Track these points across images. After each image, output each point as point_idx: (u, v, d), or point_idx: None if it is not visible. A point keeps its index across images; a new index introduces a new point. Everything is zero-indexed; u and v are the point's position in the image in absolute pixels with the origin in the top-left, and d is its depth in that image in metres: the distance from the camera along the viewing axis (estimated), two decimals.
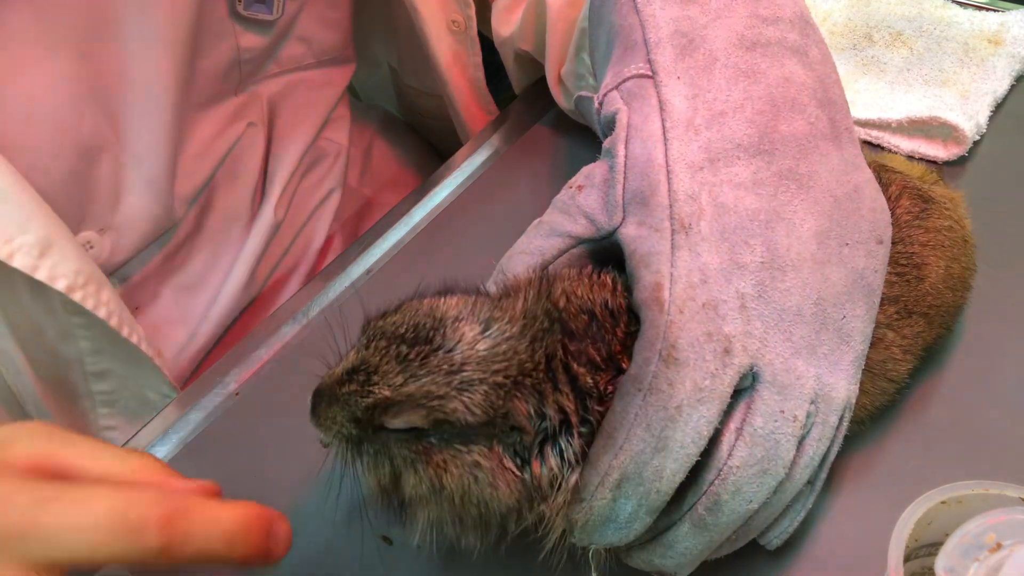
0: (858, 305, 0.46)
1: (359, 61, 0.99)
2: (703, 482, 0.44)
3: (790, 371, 0.44)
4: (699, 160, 0.46)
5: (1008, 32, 0.87)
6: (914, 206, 0.57)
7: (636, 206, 0.47)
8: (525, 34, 0.81)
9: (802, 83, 0.49)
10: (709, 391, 0.42)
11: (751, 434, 0.43)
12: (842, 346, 0.46)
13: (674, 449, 0.42)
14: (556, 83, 0.77)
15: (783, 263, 0.44)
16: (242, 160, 0.86)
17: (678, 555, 0.45)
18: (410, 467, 0.44)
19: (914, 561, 0.46)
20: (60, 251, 0.63)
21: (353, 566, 0.54)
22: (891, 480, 0.55)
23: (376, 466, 0.46)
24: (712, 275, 0.44)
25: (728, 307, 0.43)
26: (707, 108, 0.48)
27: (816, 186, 0.46)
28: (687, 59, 0.50)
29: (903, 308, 0.53)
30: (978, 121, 0.78)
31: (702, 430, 0.42)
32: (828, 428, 0.46)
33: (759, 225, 0.45)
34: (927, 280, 0.55)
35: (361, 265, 0.74)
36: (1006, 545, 0.39)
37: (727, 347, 0.42)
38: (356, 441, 0.46)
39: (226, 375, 0.66)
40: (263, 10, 0.80)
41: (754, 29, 0.50)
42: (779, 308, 0.44)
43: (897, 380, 0.54)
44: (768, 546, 0.49)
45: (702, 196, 0.45)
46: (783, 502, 0.46)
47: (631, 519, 0.44)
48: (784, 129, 0.47)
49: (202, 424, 0.63)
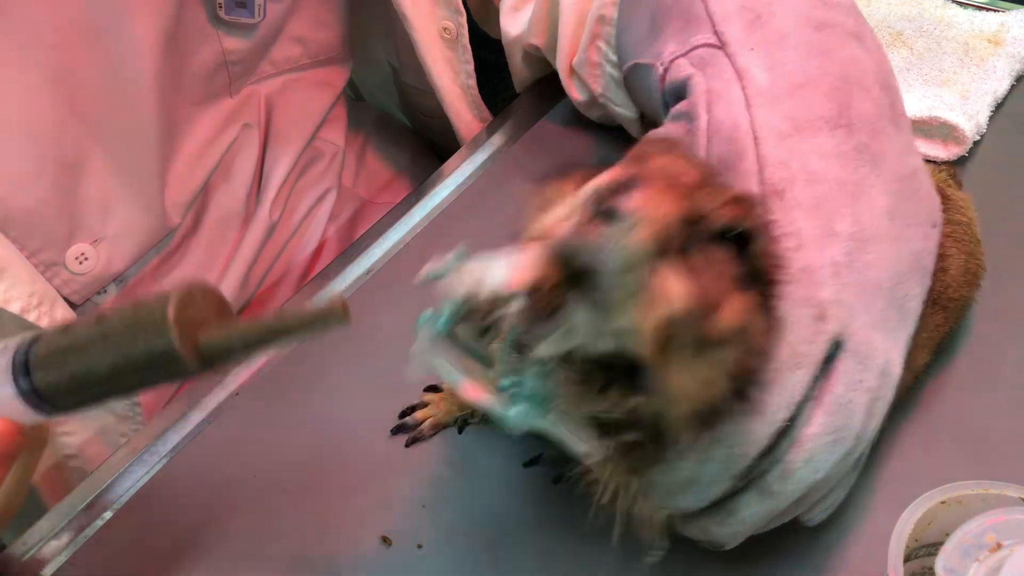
0: (916, 286, 0.47)
1: (360, 59, 0.99)
2: (778, 449, 0.43)
3: (869, 342, 0.44)
4: (785, 128, 0.46)
5: (1008, 32, 0.87)
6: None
7: (722, 171, 0.47)
8: (536, 29, 0.81)
9: (866, 66, 0.50)
10: (804, 356, 0.42)
11: (831, 402, 0.43)
12: (902, 324, 0.46)
13: (767, 413, 0.42)
14: (568, 74, 0.78)
15: (867, 235, 0.45)
16: (237, 161, 0.86)
17: (737, 523, 0.45)
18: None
19: (914, 561, 0.46)
20: (12, 276, 0.66)
21: (353, 566, 0.54)
22: (891, 480, 0.55)
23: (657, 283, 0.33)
24: (807, 241, 0.44)
25: (823, 273, 0.43)
26: (785, 79, 0.48)
27: (885, 165, 0.47)
28: (758, 32, 0.50)
29: (929, 299, 0.54)
30: (978, 121, 0.78)
31: (796, 395, 0.42)
32: (886, 404, 0.46)
33: (848, 196, 0.45)
34: (949, 272, 0.55)
35: (361, 265, 0.74)
36: (1006, 545, 0.39)
37: (821, 313, 0.43)
38: (669, 245, 0.33)
39: (226, 375, 0.66)
40: (244, 14, 0.80)
41: (817, 10, 0.51)
42: (864, 279, 0.44)
43: (916, 372, 0.55)
44: (811, 523, 0.49)
45: (792, 163, 0.45)
46: (840, 475, 0.46)
47: (712, 482, 0.43)
48: (857, 106, 0.47)
49: (202, 424, 0.63)
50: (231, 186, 0.85)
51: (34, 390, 0.41)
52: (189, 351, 0.38)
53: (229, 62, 0.82)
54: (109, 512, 0.58)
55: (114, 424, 0.74)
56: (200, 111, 0.81)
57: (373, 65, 1.10)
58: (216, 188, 0.85)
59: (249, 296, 0.89)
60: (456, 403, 0.61)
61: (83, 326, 0.41)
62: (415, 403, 0.61)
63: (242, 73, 0.84)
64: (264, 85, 0.87)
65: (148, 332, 0.38)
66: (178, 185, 0.80)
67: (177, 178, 0.80)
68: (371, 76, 1.13)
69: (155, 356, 0.38)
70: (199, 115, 0.81)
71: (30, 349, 0.41)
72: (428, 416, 0.61)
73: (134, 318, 0.39)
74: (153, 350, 0.38)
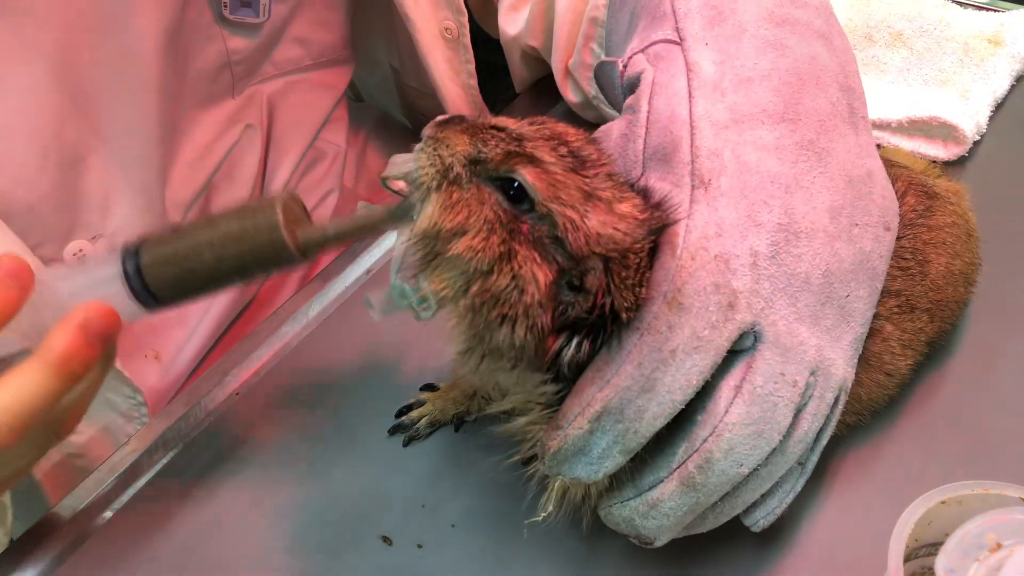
0: (862, 287, 0.47)
1: (361, 61, 0.99)
2: (696, 438, 0.44)
3: (793, 335, 0.44)
4: (724, 119, 0.46)
5: (1008, 32, 0.87)
6: (919, 203, 0.57)
7: (657, 162, 0.47)
8: (533, 30, 0.81)
9: (826, 65, 0.49)
10: (706, 341, 0.42)
11: (750, 392, 0.43)
12: (843, 324, 0.46)
13: (660, 392, 0.42)
14: (563, 76, 0.78)
15: (798, 229, 0.44)
16: (240, 162, 0.86)
17: (661, 516, 0.45)
18: (482, 228, 0.43)
19: (914, 561, 0.46)
20: None
21: (353, 566, 0.54)
22: (891, 480, 0.55)
23: (445, 209, 0.43)
24: (728, 230, 0.44)
25: (740, 262, 0.43)
26: (735, 73, 0.48)
27: (833, 162, 0.47)
28: (716, 28, 0.50)
29: (905, 302, 0.53)
30: (978, 121, 0.78)
31: (692, 379, 0.42)
32: (824, 405, 0.46)
33: (779, 188, 0.45)
34: (929, 276, 0.55)
35: (361, 265, 0.74)
36: (1006, 545, 0.39)
37: (732, 301, 0.43)
38: (450, 177, 0.44)
39: (226, 375, 0.66)
40: (249, 13, 0.80)
41: (783, 8, 0.51)
42: (789, 272, 0.44)
43: (895, 374, 0.54)
44: (754, 527, 0.48)
45: (725, 153, 0.45)
46: (774, 475, 0.46)
47: (603, 455, 0.44)
48: (808, 103, 0.47)
49: (202, 424, 0.63)
50: (234, 187, 0.86)
51: (140, 277, 0.45)
52: (294, 245, 0.45)
53: (232, 62, 0.82)
54: (109, 512, 0.58)
55: (120, 423, 0.74)
56: (203, 111, 0.81)
57: (374, 66, 1.10)
58: (219, 188, 0.85)
59: (251, 296, 0.89)
60: (452, 401, 0.61)
61: (192, 224, 0.46)
62: (411, 402, 0.62)
63: (245, 74, 0.84)
64: (267, 86, 0.87)
65: (259, 227, 0.45)
66: (179, 184, 0.80)
67: (179, 177, 0.80)
68: (372, 77, 1.13)
69: (265, 248, 0.45)
70: (202, 115, 0.81)
71: (140, 244, 0.46)
72: (424, 415, 0.61)
73: (243, 217, 0.45)
74: (263, 243, 0.45)
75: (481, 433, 0.60)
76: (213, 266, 0.45)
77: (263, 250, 0.45)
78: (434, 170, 0.44)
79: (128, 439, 0.63)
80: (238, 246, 0.45)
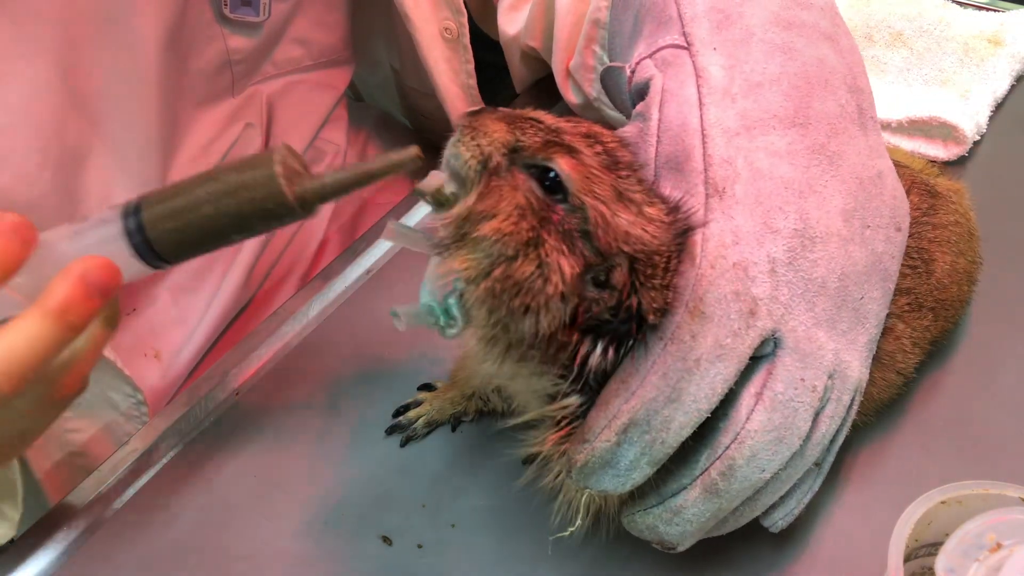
0: (875, 288, 0.47)
1: (361, 61, 0.99)
2: (719, 445, 0.44)
3: (812, 340, 0.44)
4: (735, 126, 0.46)
5: (1008, 32, 0.87)
6: (923, 202, 0.57)
7: (670, 171, 0.47)
8: (533, 30, 0.81)
9: (834, 67, 0.50)
10: (730, 349, 0.42)
11: (771, 399, 0.43)
12: (858, 326, 0.46)
13: (686, 402, 0.42)
14: (564, 77, 0.78)
15: (813, 234, 0.45)
16: None
17: (684, 522, 0.46)
18: (512, 212, 0.43)
19: (914, 561, 0.46)
20: None
21: (353, 566, 0.54)
22: (891, 480, 0.55)
23: (483, 196, 0.44)
24: (744, 237, 0.44)
25: (758, 269, 0.43)
26: (744, 79, 0.48)
27: (844, 165, 0.47)
28: (723, 32, 0.50)
29: (914, 300, 0.54)
30: (978, 121, 0.78)
31: (717, 387, 0.42)
32: (841, 406, 0.46)
33: (793, 194, 0.45)
34: (934, 275, 0.55)
35: (361, 265, 0.74)
36: (1006, 545, 0.39)
37: (752, 308, 0.43)
38: (490, 168, 0.44)
39: (226, 375, 0.66)
40: (249, 12, 0.80)
41: (789, 11, 0.51)
42: (806, 277, 0.44)
43: (904, 373, 0.55)
44: (772, 528, 0.49)
45: (737, 160, 0.45)
46: (792, 478, 0.46)
47: (631, 467, 0.44)
48: (817, 107, 0.47)
49: (202, 423, 0.63)
50: None
51: (142, 233, 0.44)
52: (292, 196, 0.44)
53: (233, 62, 0.82)
54: (110, 511, 0.58)
55: (120, 422, 0.74)
56: (203, 110, 0.81)
57: (374, 67, 1.10)
58: None
59: (251, 295, 0.89)
60: (450, 401, 0.61)
61: (192, 179, 0.46)
62: (408, 402, 0.62)
63: (245, 73, 0.84)
64: (267, 86, 0.87)
65: (257, 179, 0.44)
66: None
67: (178, 175, 0.80)
68: (372, 77, 1.13)
69: (263, 199, 0.44)
70: (202, 114, 0.81)
71: (141, 201, 0.45)
72: (421, 415, 0.61)
73: (242, 170, 0.45)
74: (262, 195, 0.44)
75: (482, 434, 0.60)
76: (213, 219, 0.45)
77: (262, 202, 0.44)
78: (475, 161, 0.44)
79: (129, 438, 0.63)
80: (237, 199, 0.44)
